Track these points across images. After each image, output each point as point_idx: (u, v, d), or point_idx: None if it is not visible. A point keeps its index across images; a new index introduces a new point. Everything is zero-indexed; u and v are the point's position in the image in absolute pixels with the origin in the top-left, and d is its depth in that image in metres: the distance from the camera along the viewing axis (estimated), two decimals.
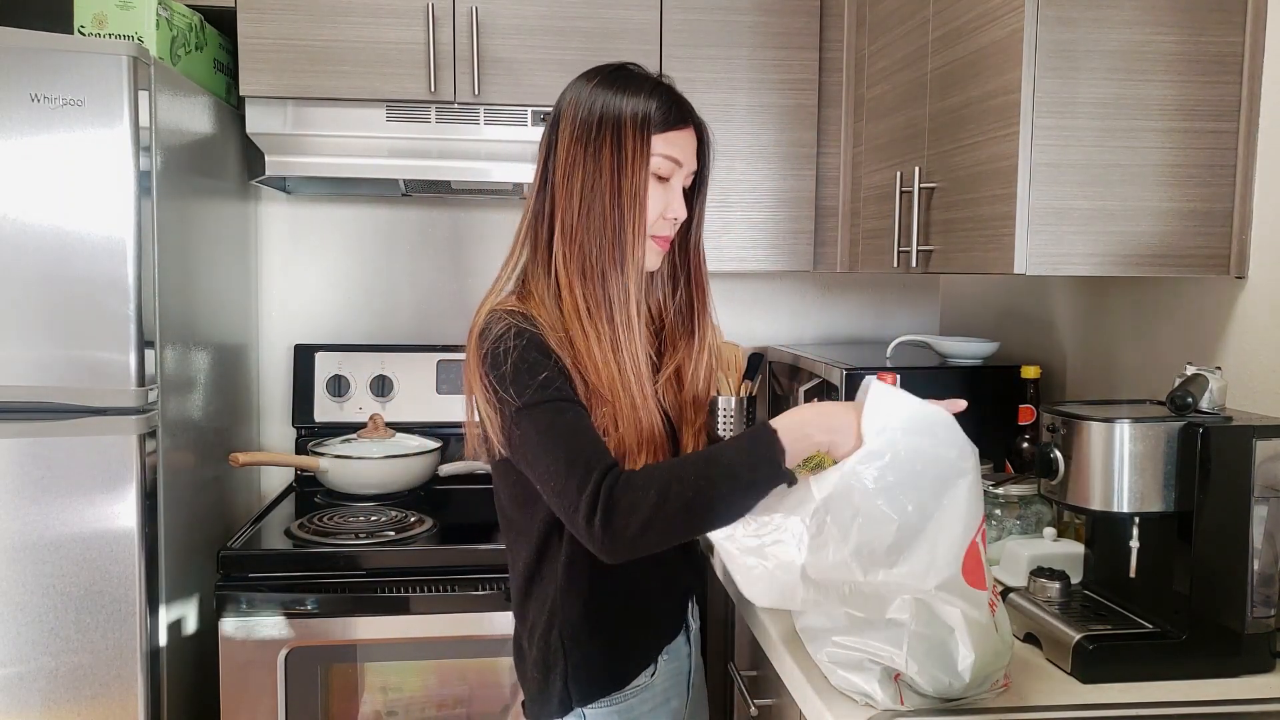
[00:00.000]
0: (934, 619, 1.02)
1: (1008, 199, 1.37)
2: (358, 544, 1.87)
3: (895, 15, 1.82)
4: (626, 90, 1.21)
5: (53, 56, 1.58)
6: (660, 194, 1.23)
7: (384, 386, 2.36)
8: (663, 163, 1.21)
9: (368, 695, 1.87)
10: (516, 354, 1.13)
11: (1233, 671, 1.20)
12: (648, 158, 1.19)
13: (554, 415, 1.12)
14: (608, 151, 1.19)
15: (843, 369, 1.88)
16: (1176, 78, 1.36)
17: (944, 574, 1.00)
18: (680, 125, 1.23)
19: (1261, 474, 1.17)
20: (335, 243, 2.44)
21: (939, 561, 1.01)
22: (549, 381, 1.13)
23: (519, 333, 1.14)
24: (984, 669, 1.04)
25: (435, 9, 2.02)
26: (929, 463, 1.03)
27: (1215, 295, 1.49)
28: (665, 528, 1.06)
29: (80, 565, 1.65)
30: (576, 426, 1.12)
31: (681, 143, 1.23)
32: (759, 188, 2.17)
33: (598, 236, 1.18)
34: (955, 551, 1.01)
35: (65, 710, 1.66)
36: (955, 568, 1.01)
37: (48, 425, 1.63)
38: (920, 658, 1.03)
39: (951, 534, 1.02)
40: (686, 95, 1.25)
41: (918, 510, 1.02)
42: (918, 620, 1.02)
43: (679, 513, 1.05)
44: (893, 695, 1.07)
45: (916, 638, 1.02)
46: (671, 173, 1.23)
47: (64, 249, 1.61)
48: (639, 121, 1.19)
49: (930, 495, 1.03)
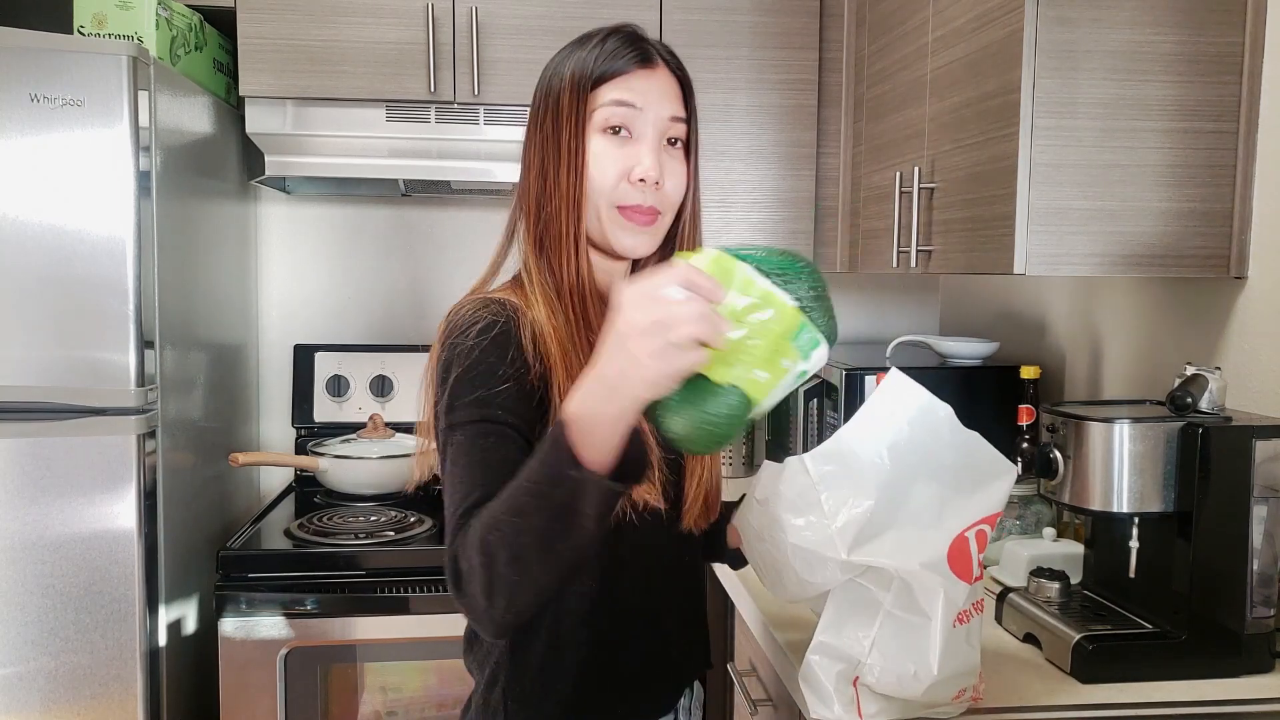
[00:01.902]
0: (912, 602, 1.01)
1: (1008, 199, 1.37)
2: (357, 544, 1.87)
3: (895, 15, 1.82)
4: (577, 47, 1.04)
5: (53, 56, 1.58)
6: (614, 151, 1.01)
7: (384, 386, 2.36)
8: (614, 111, 1.00)
9: (367, 695, 1.87)
10: (471, 355, 0.95)
11: (1233, 671, 1.20)
12: (585, 111, 1.00)
13: (472, 440, 0.93)
14: (549, 115, 1.02)
15: (842, 369, 1.88)
16: (1176, 78, 1.36)
17: (929, 554, 0.99)
18: (640, 66, 1.02)
19: (1261, 474, 1.17)
20: (335, 243, 2.44)
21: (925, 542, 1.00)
22: (489, 398, 0.94)
23: (486, 326, 0.96)
24: (951, 667, 1.02)
25: (435, 9, 2.02)
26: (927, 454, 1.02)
27: (1215, 295, 1.49)
28: (510, 590, 0.83)
29: (80, 565, 1.65)
30: (485, 457, 0.92)
31: (640, 85, 1.01)
32: (759, 188, 2.17)
33: (545, 211, 1.02)
34: (944, 536, 1.00)
35: (65, 710, 1.66)
36: (942, 550, 0.99)
37: (48, 425, 1.63)
38: (887, 644, 1.01)
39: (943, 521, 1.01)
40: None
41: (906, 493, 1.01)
42: (897, 602, 1.01)
43: (511, 569, 0.82)
44: (848, 702, 1.04)
45: (889, 618, 1.01)
46: (628, 120, 1.01)
47: (64, 249, 1.61)
48: (577, 73, 1.01)
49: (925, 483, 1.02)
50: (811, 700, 1.07)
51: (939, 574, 0.98)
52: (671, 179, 1.04)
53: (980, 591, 1.06)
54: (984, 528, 1.03)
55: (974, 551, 1.01)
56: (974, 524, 1.01)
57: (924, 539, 0.99)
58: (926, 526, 1.00)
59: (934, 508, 1.01)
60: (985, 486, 1.03)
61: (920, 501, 1.01)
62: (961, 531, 1.00)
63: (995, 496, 1.03)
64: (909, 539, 0.99)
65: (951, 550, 0.99)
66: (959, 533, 1.00)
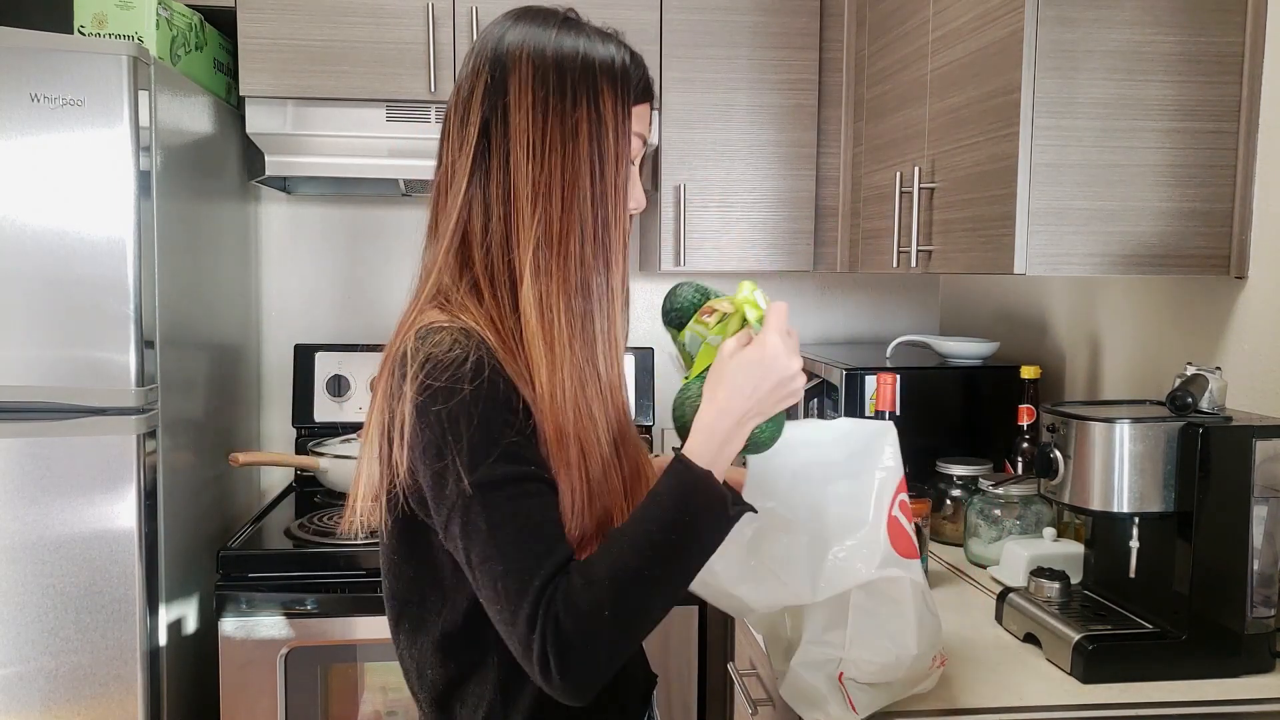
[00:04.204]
0: (880, 594, 1.03)
1: (1008, 199, 1.37)
2: (357, 544, 1.87)
3: (895, 15, 1.82)
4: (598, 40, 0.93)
5: (53, 56, 1.58)
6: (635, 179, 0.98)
7: None
8: (637, 143, 0.96)
9: (368, 695, 1.87)
10: (479, 406, 0.83)
11: (1233, 671, 1.20)
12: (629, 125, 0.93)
13: (515, 501, 0.84)
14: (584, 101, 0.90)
15: (842, 369, 1.88)
16: (1176, 78, 1.36)
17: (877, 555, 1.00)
18: (650, 98, 0.98)
19: (1261, 474, 1.17)
20: (335, 243, 2.44)
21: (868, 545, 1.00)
22: (514, 452, 0.84)
23: (478, 366, 0.84)
24: (925, 639, 1.04)
25: (435, 9, 2.02)
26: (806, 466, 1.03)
27: (1215, 295, 1.49)
28: (633, 643, 0.84)
29: (80, 565, 1.65)
30: (544, 517, 0.85)
31: (648, 119, 0.98)
32: (759, 188, 2.17)
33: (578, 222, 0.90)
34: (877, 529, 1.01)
35: (65, 710, 1.66)
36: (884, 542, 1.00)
37: (48, 425, 1.63)
38: (864, 637, 1.03)
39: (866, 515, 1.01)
40: (686, 95, 1.10)
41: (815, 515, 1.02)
42: (866, 597, 1.03)
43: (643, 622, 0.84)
44: (841, 702, 1.06)
45: (861, 613, 1.03)
46: (638, 155, 0.98)
47: (64, 249, 1.61)
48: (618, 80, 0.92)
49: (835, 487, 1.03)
50: (804, 708, 1.09)
51: (895, 566, 1.00)
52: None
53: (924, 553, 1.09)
54: (901, 497, 1.04)
55: (907, 526, 1.03)
56: (891, 501, 1.02)
57: (865, 544, 1.00)
58: (858, 528, 1.01)
59: (852, 507, 1.02)
60: (874, 456, 1.04)
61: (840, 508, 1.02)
62: (888, 514, 1.01)
63: (888, 460, 1.03)
64: (854, 551, 1.00)
65: (890, 537, 1.00)
66: (886, 518, 1.00)
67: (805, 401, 2.06)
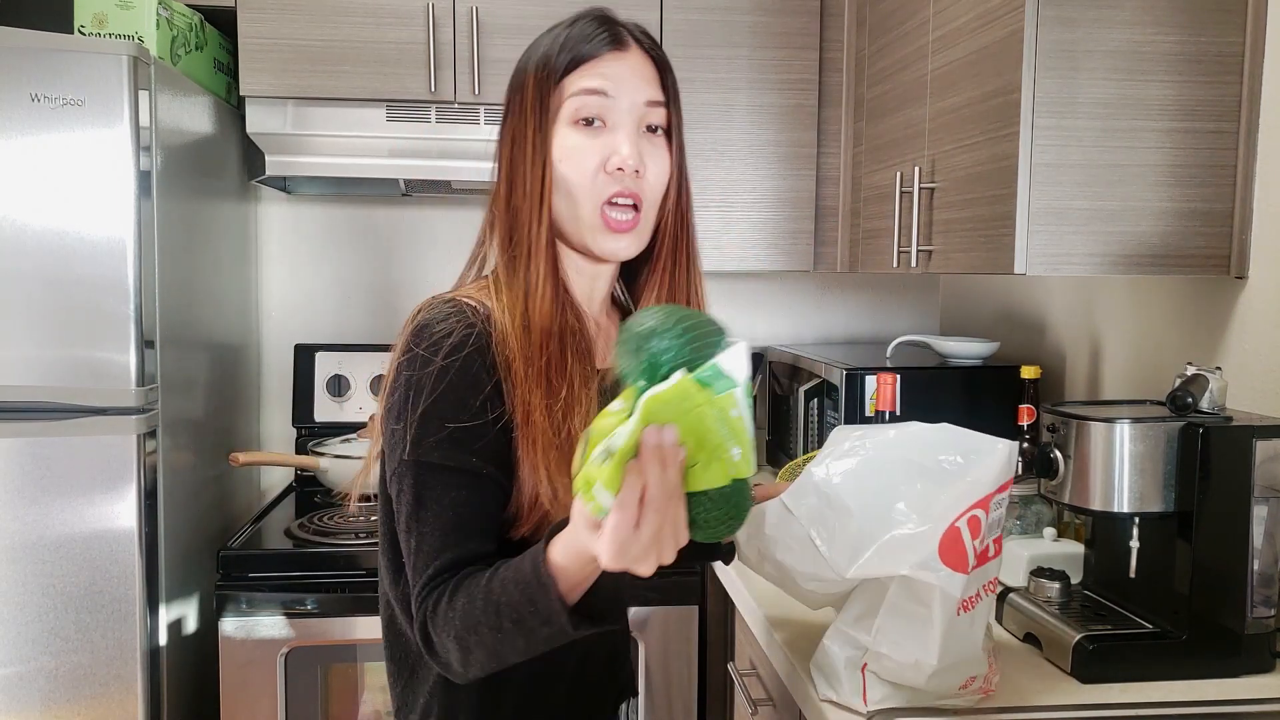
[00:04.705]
0: (913, 595, 1.02)
1: (1008, 199, 1.37)
2: (358, 544, 1.87)
3: (895, 15, 1.82)
4: (544, 35, 0.98)
5: (53, 56, 1.58)
6: (589, 143, 0.94)
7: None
8: (584, 101, 0.94)
9: (368, 695, 1.87)
10: (443, 381, 0.89)
11: (1233, 671, 1.20)
12: (551, 103, 0.94)
13: (444, 487, 0.89)
14: (515, 110, 0.97)
15: (842, 369, 1.88)
16: (1176, 78, 1.36)
17: (920, 554, 1.00)
18: (610, 49, 0.95)
19: (1261, 474, 1.17)
20: (335, 243, 2.44)
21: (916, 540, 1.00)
22: (462, 438, 0.89)
23: (457, 344, 0.90)
24: (954, 656, 1.03)
25: (435, 9, 2.03)
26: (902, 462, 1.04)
27: (1215, 295, 1.49)
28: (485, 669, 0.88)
29: (80, 565, 1.65)
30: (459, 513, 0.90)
31: (611, 70, 0.94)
32: (759, 188, 2.17)
33: (512, 212, 0.97)
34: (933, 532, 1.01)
35: (65, 710, 1.66)
36: (933, 547, 1.00)
37: (48, 425, 1.63)
38: (891, 634, 1.03)
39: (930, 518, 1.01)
40: (686, 95, 1.03)
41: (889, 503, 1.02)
42: (899, 594, 1.03)
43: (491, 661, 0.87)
44: (856, 689, 1.08)
45: (892, 609, 1.03)
46: (601, 109, 0.94)
47: (64, 249, 1.61)
48: (543, 63, 0.96)
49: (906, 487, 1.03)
50: (821, 683, 1.11)
51: (931, 570, 0.99)
52: (653, 166, 0.97)
53: (993, 571, 1.07)
54: (976, 513, 1.03)
55: (968, 540, 1.02)
56: (963, 513, 1.01)
57: (913, 539, 1.00)
58: (916, 526, 1.01)
59: (920, 507, 1.02)
60: (971, 471, 1.03)
61: (905, 506, 1.02)
62: (951, 524, 1.00)
63: (987, 476, 1.02)
64: (899, 543, 1.00)
65: (943, 544, 1.00)
66: (948, 526, 1.00)
67: (805, 401, 2.06)
